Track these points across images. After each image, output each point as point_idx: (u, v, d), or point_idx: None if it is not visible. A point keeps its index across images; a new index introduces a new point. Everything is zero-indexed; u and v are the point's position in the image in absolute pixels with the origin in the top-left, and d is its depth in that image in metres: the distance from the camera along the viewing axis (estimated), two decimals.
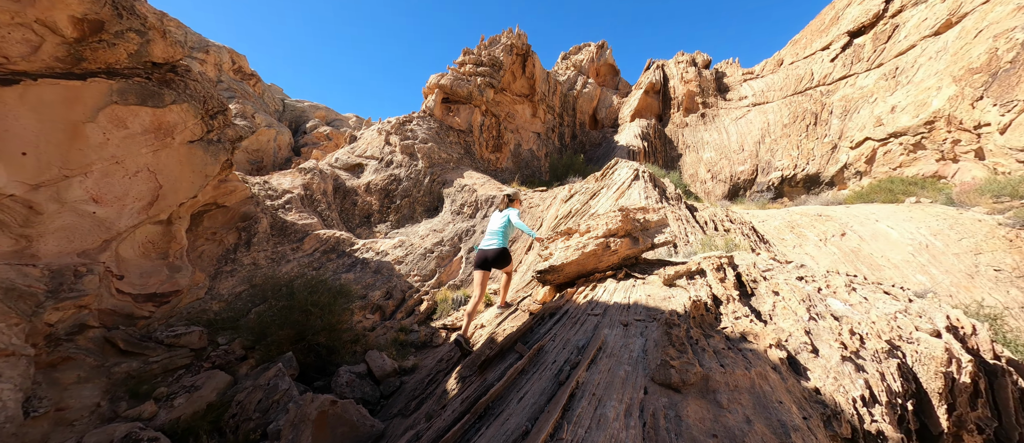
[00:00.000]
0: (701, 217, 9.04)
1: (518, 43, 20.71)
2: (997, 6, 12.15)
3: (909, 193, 11.21)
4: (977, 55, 11.39)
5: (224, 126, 7.14)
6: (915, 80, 14.46)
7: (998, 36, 10.98)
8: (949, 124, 11.70)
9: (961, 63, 11.85)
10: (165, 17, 6.52)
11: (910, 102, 13.50)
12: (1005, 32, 10.83)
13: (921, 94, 13.16)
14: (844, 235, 8.95)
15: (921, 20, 16.07)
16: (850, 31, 19.73)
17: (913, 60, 15.34)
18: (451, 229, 10.80)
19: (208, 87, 6.98)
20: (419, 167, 12.20)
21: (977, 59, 11.23)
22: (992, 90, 10.31)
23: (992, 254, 7.27)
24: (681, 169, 23.40)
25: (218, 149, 6.86)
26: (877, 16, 18.73)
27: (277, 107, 30.23)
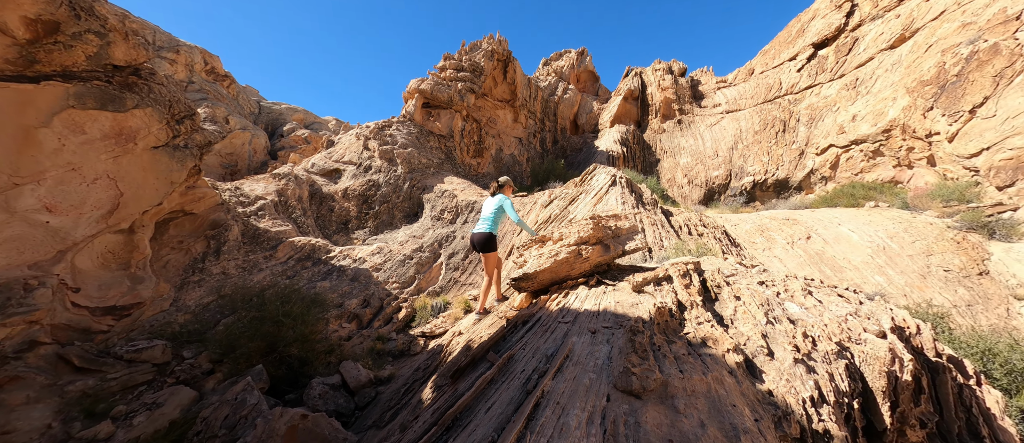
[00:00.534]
0: (676, 222, 9.29)
1: (499, 49, 20.85)
2: (945, 23, 13.04)
3: (869, 197, 11.83)
4: (927, 68, 12.18)
5: (192, 131, 6.90)
6: (873, 90, 15.31)
7: (945, 51, 11.78)
8: (904, 132, 12.44)
9: (914, 75, 12.64)
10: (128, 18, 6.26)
11: (869, 111, 14.29)
12: (951, 47, 11.63)
13: (879, 104, 13.95)
14: (809, 238, 9.37)
15: (878, 34, 17.06)
16: (814, 43, 20.74)
17: (871, 72, 16.24)
18: (431, 235, 10.72)
19: (175, 91, 6.74)
20: (399, 172, 12.08)
21: (927, 72, 12.01)
22: (941, 101, 11.04)
23: (942, 255, 7.75)
24: (659, 174, 23.95)
25: (185, 155, 6.62)
26: (838, 29, 19.77)
27: (253, 109, 29.39)
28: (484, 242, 4.66)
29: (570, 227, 3.91)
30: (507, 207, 4.73)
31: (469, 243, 10.73)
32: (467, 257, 10.46)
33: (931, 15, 14.20)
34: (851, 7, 19.78)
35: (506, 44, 21.91)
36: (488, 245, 4.69)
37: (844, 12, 19.85)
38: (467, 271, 10.15)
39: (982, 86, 10.01)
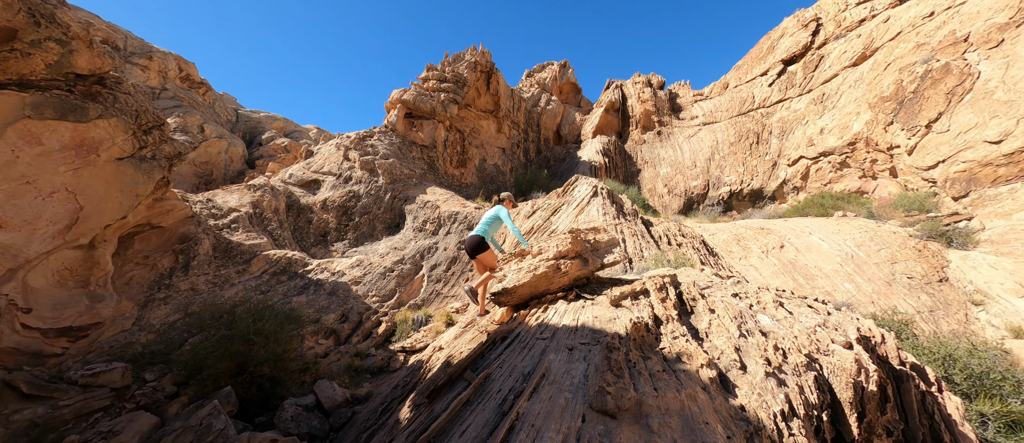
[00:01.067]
0: (656, 232, 9.45)
1: (482, 60, 21.02)
2: (901, 43, 13.89)
3: (837, 207, 12.34)
4: (887, 85, 12.91)
5: (160, 142, 6.65)
6: (839, 105, 16.09)
7: (902, 69, 12.52)
8: (867, 145, 13.09)
9: (875, 92, 13.36)
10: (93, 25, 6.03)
11: (835, 125, 14.99)
12: (908, 66, 12.37)
13: (844, 118, 14.66)
14: (783, 247, 9.68)
15: (842, 52, 18.00)
16: (784, 60, 21.72)
17: (837, 87, 17.09)
18: (413, 247, 10.58)
19: (143, 100, 6.50)
20: (380, 183, 11.91)
21: (887, 89, 12.72)
22: (900, 116, 11.69)
23: (905, 263, 8.12)
24: (640, 184, 24.40)
25: (152, 167, 6.36)
26: (806, 47, 20.79)
27: (230, 117, 28.68)
28: (476, 245, 4.87)
29: (549, 241, 3.92)
30: (503, 216, 4.96)
31: (452, 255, 10.63)
32: (450, 269, 10.35)
33: (889, 35, 15.11)
34: (816, 26, 20.87)
35: (489, 56, 22.13)
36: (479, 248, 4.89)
37: (810, 31, 20.92)
38: (449, 283, 10.03)
39: (936, 103, 10.65)
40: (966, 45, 10.75)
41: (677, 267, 6.24)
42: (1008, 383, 4.10)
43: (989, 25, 10.40)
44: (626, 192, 16.64)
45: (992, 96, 9.33)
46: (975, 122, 9.47)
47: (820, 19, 21.05)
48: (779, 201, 18.34)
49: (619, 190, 16.48)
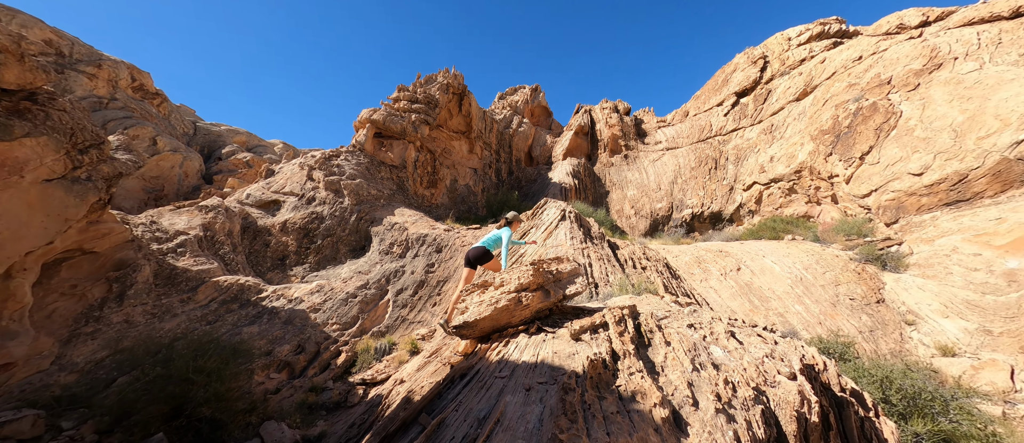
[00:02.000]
0: (622, 255, 9.68)
1: (454, 83, 21.26)
2: (836, 82, 15.34)
3: (787, 231, 13.18)
4: (825, 119, 14.15)
5: (98, 162, 6.16)
6: (785, 136, 17.41)
7: (838, 106, 13.80)
8: (811, 174, 14.18)
9: (816, 125, 14.60)
10: (25, 38, 5.60)
11: (783, 154, 16.17)
12: (842, 103, 13.65)
13: (790, 148, 15.87)
14: (739, 270, 10.17)
15: (786, 88, 19.63)
16: (737, 92, 23.39)
17: (783, 119, 18.53)
18: (378, 270, 10.24)
19: (80, 117, 6.03)
20: (345, 204, 11.55)
21: (826, 123, 13.94)
22: (838, 148, 12.80)
23: (847, 285, 8.73)
24: (609, 205, 25.07)
25: (86, 188, 5.86)
26: (755, 81, 22.52)
27: (187, 130, 27.23)
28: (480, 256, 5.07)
29: (511, 273, 3.90)
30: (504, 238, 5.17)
31: (419, 279, 10.37)
32: (417, 293, 10.07)
33: (825, 74, 16.68)
34: (764, 63, 22.73)
35: (461, 78, 22.42)
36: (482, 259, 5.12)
37: (758, 67, 22.74)
38: (416, 308, 9.74)
39: (867, 137, 11.77)
40: (889, 87, 12.04)
41: (640, 293, 6.39)
42: (937, 402, 4.43)
43: (907, 70, 11.73)
44: (594, 214, 17.04)
45: (913, 133, 10.43)
46: (900, 156, 10.52)
47: (767, 57, 22.96)
48: (736, 223, 19.36)
49: (587, 212, 16.86)
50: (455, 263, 11.23)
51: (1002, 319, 6.35)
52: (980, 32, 10.51)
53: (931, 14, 13.40)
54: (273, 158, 28.70)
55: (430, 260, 11.04)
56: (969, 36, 10.68)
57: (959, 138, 9.15)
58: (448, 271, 10.95)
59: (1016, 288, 6.50)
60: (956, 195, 8.94)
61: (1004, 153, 8.20)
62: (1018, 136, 8.07)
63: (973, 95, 9.31)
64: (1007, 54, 9.35)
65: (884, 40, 14.32)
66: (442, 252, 11.47)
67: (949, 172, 9.07)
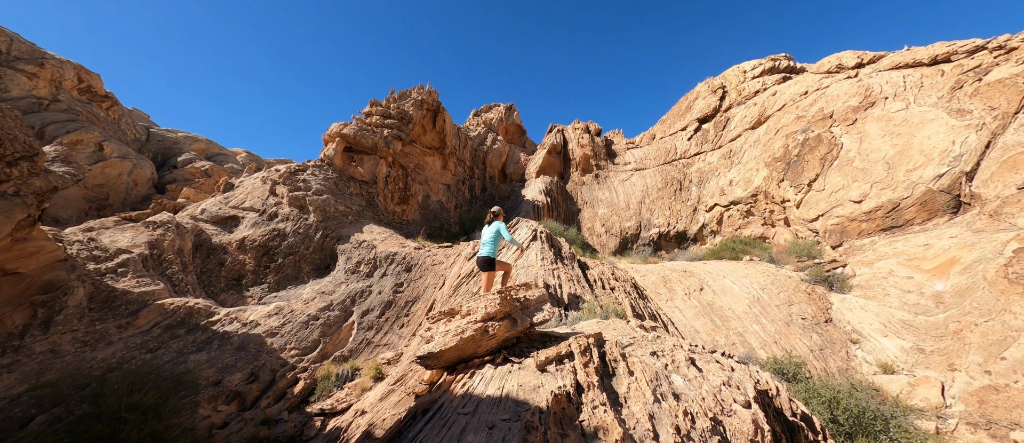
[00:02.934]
0: (592, 276, 9.83)
1: (429, 99, 21.26)
2: (786, 114, 16.60)
3: (746, 252, 13.90)
4: (777, 148, 15.21)
5: (29, 175, 5.63)
6: (743, 161, 18.54)
7: (788, 135, 14.90)
8: (766, 198, 15.12)
9: (769, 152, 15.66)
10: None
11: (741, 178, 17.18)
12: (792, 133, 14.76)
13: (747, 173, 16.89)
14: (702, 290, 10.57)
15: (743, 116, 21.01)
16: (699, 118, 24.76)
17: (741, 145, 19.74)
18: (343, 290, 9.85)
19: (10, 126, 5.52)
20: (310, 221, 11.10)
21: (778, 151, 14.99)
22: (789, 175, 13.76)
23: (799, 305, 9.26)
24: (581, 223, 25.53)
25: (12, 204, 5.32)
26: (715, 109, 23.96)
27: (139, 136, 25.57)
28: (488, 263, 5.85)
29: (477, 301, 3.86)
30: (502, 230, 5.89)
31: (387, 299, 10.05)
32: (384, 314, 9.74)
33: (777, 106, 18.03)
34: (723, 93, 24.29)
35: (436, 95, 22.47)
36: (491, 265, 5.88)
37: (718, 96, 24.26)
38: (383, 331, 9.41)
39: (814, 166, 12.75)
40: (831, 120, 13.18)
41: (608, 316, 6.49)
42: (879, 421, 4.72)
43: (846, 106, 12.89)
44: (566, 233, 17.29)
45: (852, 164, 11.40)
46: (842, 184, 11.44)
47: (725, 87, 24.57)
48: (700, 242, 20.19)
49: (559, 231, 17.09)
50: (425, 282, 11.00)
51: (932, 338, 6.93)
52: (905, 75, 11.80)
53: (865, 57, 14.91)
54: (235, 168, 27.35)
55: (399, 279, 10.76)
56: (897, 78, 11.95)
57: (891, 170, 10.09)
58: (417, 291, 10.70)
59: (943, 309, 7.13)
60: (891, 221, 9.78)
61: (929, 185, 9.10)
62: (939, 170, 9.00)
63: (902, 131, 10.35)
64: (928, 96, 10.51)
65: (826, 78, 15.73)
66: (412, 271, 11.22)
67: (884, 200, 9.95)
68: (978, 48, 10.52)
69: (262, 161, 32.98)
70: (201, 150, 28.97)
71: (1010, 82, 8.95)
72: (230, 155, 30.73)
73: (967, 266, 7.32)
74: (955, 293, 7.08)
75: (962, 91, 9.59)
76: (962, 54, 10.77)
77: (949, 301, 7.10)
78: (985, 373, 5.80)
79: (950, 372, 6.20)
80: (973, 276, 7.05)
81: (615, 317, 5.97)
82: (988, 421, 5.28)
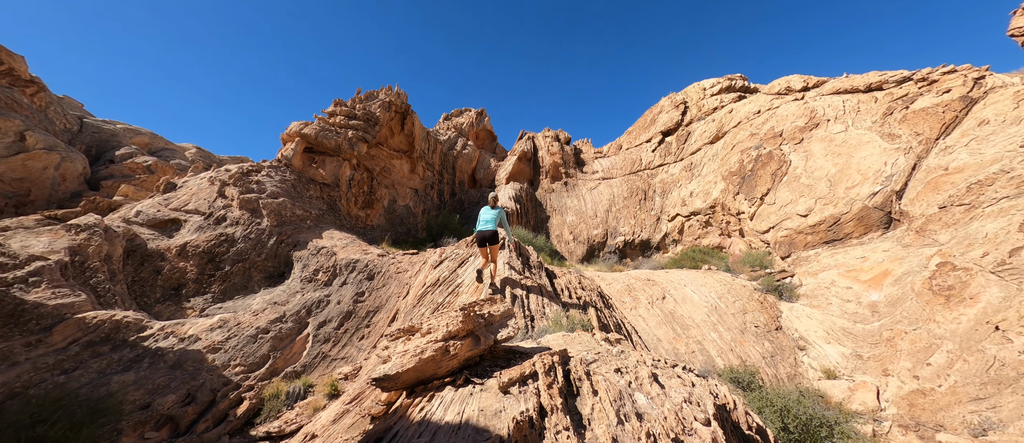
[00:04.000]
0: (559, 284, 9.85)
1: (397, 101, 20.73)
2: (741, 131, 17.61)
3: (704, 261, 14.52)
4: (733, 162, 16.08)
5: None
6: (702, 174, 19.44)
7: (743, 151, 15.80)
8: (723, 210, 15.91)
9: (726, 166, 16.53)
10: None
11: (700, 190, 18.00)
12: (746, 149, 15.66)
13: (706, 185, 17.72)
14: (664, 298, 10.89)
15: (702, 131, 22.08)
16: (662, 131, 25.77)
17: (700, 159, 20.71)
18: (298, 301, 9.25)
19: None
20: (263, 226, 10.36)
21: (734, 165, 15.84)
22: (743, 188, 14.56)
23: (753, 314, 9.74)
24: (549, 230, 25.72)
25: None
26: (677, 123, 25.04)
27: (70, 126, 23.12)
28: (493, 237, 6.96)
29: (439, 319, 3.68)
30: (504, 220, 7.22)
31: (346, 309, 9.56)
32: (342, 326, 9.24)
33: (733, 123, 19.10)
34: (685, 108, 25.45)
35: (405, 98, 21.97)
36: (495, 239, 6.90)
37: (680, 111, 25.38)
38: (341, 343, 8.91)
39: (766, 181, 13.57)
40: (781, 139, 14.11)
41: (574, 328, 6.48)
42: (824, 428, 4.99)
43: (794, 126, 13.86)
44: (535, 241, 17.32)
45: (799, 180, 12.23)
46: (791, 199, 12.23)
47: (687, 103, 25.77)
48: (662, 251, 20.90)
49: (528, 239, 17.10)
50: (389, 291, 10.58)
51: (869, 345, 7.47)
52: (845, 100, 12.88)
53: (810, 81, 16.18)
54: (183, 164, 25.32)
55: (360, 288, 10.28)
56: (837, 102, 13.03)
57: (833, 187, 10.91)
58: (380, 300, 10.27)
59: (877, 318, 7.72)
60: (832, 235, 10.55)
61: (865, 202, 9.90)
62: (874, 188, 9.82)
63: (842, 152, 11.24)
64: (864, 120, 11.52)
65: (776, 98, 16.89)
66: (374, 279, 10.77)
67: (826, 215, 10.72)
68: (905, 79, 11.69)
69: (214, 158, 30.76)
70: (144, 144, 26.65)
71: (932, 111, 9.98)
72: (178, 150, 28.47)
73: (898, 278, 7.99)
74: (888, 303, 7.69)
75: (892, 117, 10.59)
76: (892, 83, 11.93)
77: (883, 310, 7.71)
78: (914, 378, 6.30)
79: (884, 377, 6.70)
80: (903, 287, 7.70)
81: (581, 329, 5.96)
82: (917, 423, 5.73)
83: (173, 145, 29.18)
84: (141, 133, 27.33)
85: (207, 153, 30.48)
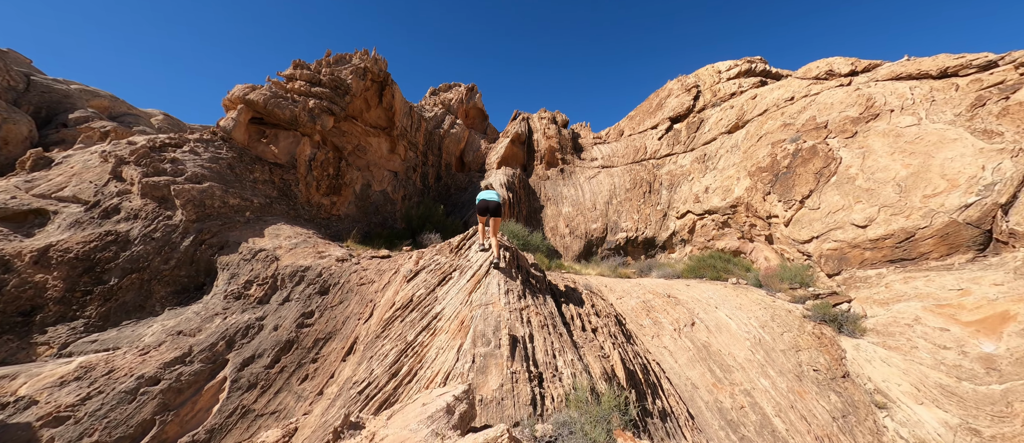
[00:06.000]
0: (568, 314, 7.64)
1: (374, 68, 17.74)
2: (769, 119, 15.46)
3: (727, 270, 12.55)
4: (762, 157, 13.97)
5: None
6: (719, 167, 17.33)
7: (775, 144, 13.67)
8: (747, 210, 13.88)
9: (752, 161, 14.42)
10: None
11: (718, 187, 15.91)
12: (779, 142, 13.54)
13: (726, 181, 15.63)
14: (694, 325, 8.84)
15: (718, 119, 19.87)
16: (671, 117, 23.48)
17: (716, 150, 18.57)
18: (215, 328, 6.78)
19: None
20: (176, 221, 7.72)
21: (763, 160, 13.73)
22: (776, 188, 12.49)
23: (809, 352, 7.76)
24: (543, 220, 23.50)
25: None
26: (688, 109, 22.76)
27: (14, 83, 19.66)
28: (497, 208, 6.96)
29: None
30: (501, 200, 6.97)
31: (286, 338, 7.16)
32: (277, 362, 6.84)
33: (757, 110, 16.92)
34: (697, 92, 23.13)
35: (384, 65, 18.95)
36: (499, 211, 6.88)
37: (692, 95, 23.06)
38: (273, 387, 6.53)
39: (807, 180, 11.50)
40: (826, 131, 12.00)
41: (595, 386, 4.29)
42: None
43: (843, 117, 11.74)
44: (532, 238, 15.04)
45: (854, 182, 10.19)
46: (842, 204, 10.21)
47: (699, 86, 23.43)
48: (669, 250, 18.95)
49: (523, 237, 14.79)
50: (347, 310, 8.18)
51: (988, 417, 5.55)
52: (912, 87, 10.80)
53: (858, 64, 14.04)
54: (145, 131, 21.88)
55: (308, 307, 7.84)
56: (902, 90, 10.94)
57: (904, 193, 8.89)
58: (334, 323, 7.87)
59: (998, 378, 5.79)
60: (902, 253, 8.58)
61: (953, 215, 7.91)
62: (966, 199, 7.82)
63: (915, 150, 9.19)
64: (942, 112, 9.47)
65: (814, 84, 14.72)
66: (329, 294, 8.33)
67: (895, 228, 8.72)
68: (991, 63, 9.63)
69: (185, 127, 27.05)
70: (103, 108, 23.07)
71: None
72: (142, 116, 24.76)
73: None
74: (1015, 360, 5.75)
75: (986, 110, 8.55)
76: (973, 68, 9.87)
77: (1007, 369, 5.77)
78: None
79: None
80: None
81: (615, 411, 3.74)
82: None
83: (137, 110, 25.47)
84: (100, 95, 23.64)
85: (177, 121, 26.75)
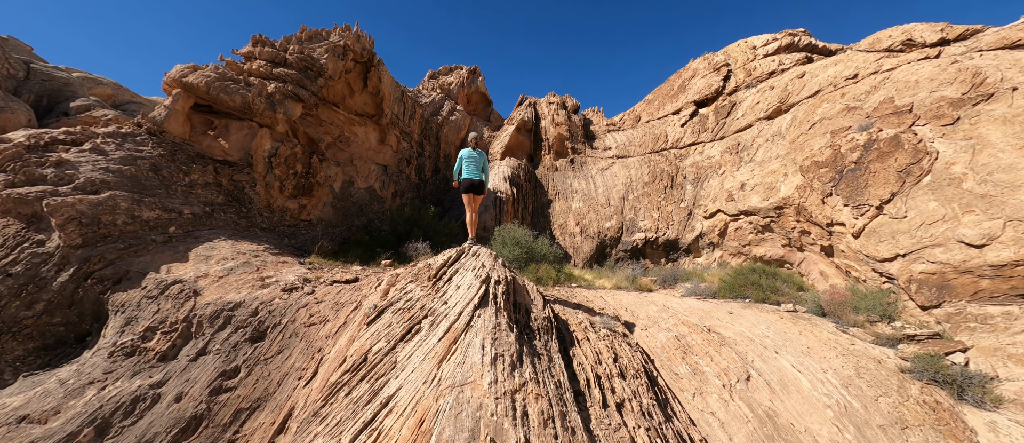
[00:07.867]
0: (583, 373, 5.50)
1: (356, 47, 15.41)
2: (824, 102, 12.84)
3: (777, 290, 10.26)
4: (818, 148, 11.46)
5: None
6: (757, 159, 14.80)
7: (836, 133, 11.14)
8: (799, 214, 11.47)
9: (804, 153, 11.91)
10: None
11: (759, 183, 13.45)
12: (842, 130, 11.00)
13: (768, 177, 13.15)
14: (749, 379, 6.64)
15: (754, 103, 17.18)
16: (696, 101, 20.77)
17: (752, 139, 15.98)
18: (82, 407, 4.83)
19: None
20: (50, 247, 5.73)
21: (820, 153, 11.23)
22: (841, 189, 10.05)
23: (921, 430, 5.54)
24: (551, 217, 21.30)
25: None
26: (717, 91, 20.01)
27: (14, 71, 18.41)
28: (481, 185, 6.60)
29: None
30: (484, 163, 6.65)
31: (193, 412, 5.19)
32: None
33: (807, 91, 14.26)
34: (727, 72, 20.33)
35: (370, 43, 16.61)
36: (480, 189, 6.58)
37: (722, 76, 20.28)
38: None
39: (887, 180, 9.05)
40: (912, 117, 9.45)
41: None
42: None
43: (937, 98, 9.17)
44: (537, 244, 12.85)
45: (961, 185, 7.73)
46: (942, 213, 7.79)
47: (729, 65, 20.62)
48: (694, 255, 16.63)
49: (527, 243, 12.60)
50: (286, 364, 6.17)
51: None
52: None
53: (950, 31, 11.28)
54: None
55: (231, 362, 5.84)
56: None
57: None
58: (267, 384, 5.88)
59: None
60: None
61: None
62: None
63: None
64: None
65: (886, 58, 12.01)
66: (264, 340, 6.32)
67: None
68: None
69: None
70: (106, 96, 21.58)
71: None
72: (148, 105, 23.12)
73: None
74: None
75: None
76: None
77: None
78: None
79: None
80: None
81: None
82: None
83: (142, 98, 23.83)
84: (102, 83, 22.11)
85: None
